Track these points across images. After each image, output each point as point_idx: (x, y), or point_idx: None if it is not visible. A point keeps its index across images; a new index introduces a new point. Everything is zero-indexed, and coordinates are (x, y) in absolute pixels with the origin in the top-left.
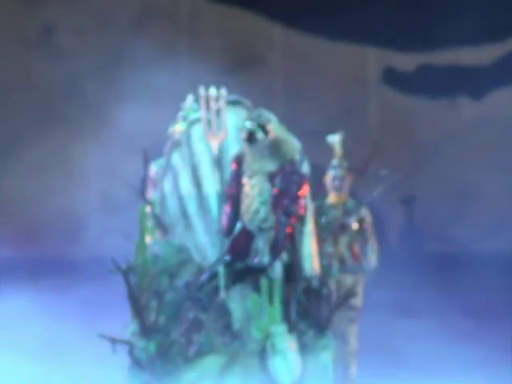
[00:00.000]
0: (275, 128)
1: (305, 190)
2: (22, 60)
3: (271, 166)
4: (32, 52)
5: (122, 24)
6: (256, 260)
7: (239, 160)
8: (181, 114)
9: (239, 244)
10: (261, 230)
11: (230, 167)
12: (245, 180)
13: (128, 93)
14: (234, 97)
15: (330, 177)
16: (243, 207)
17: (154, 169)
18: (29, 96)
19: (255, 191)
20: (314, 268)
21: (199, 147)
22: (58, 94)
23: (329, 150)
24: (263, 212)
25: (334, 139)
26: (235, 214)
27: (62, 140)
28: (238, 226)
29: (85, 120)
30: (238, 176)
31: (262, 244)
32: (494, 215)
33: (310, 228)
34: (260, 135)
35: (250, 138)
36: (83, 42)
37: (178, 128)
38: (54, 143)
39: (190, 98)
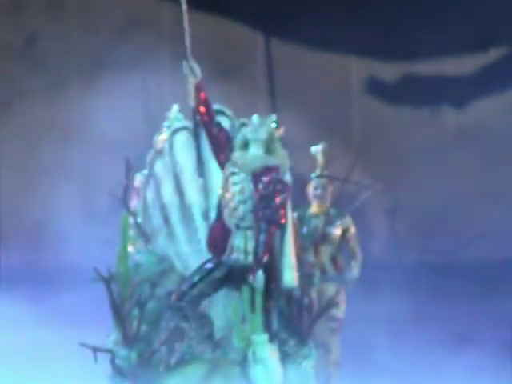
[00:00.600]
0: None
1: (287, 200)
2: (5, 69)
3: (258, 163)
4: (16, 60)
5: (106, 32)
6: (232, 257)
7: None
8: (165, 123)
9: (216, 237)
10: (238, 227)
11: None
12: (227, 175)
13: (111, 100)
14: (216, 106)
15: (312, 186)
16: (223, 202)
17: (138, 178)
18: (13, 104)
19: (237, 189)
20: (292, 278)
21: (182, 156)
22: (43, 102)
23: (311, 159)
24: (241, 210)
25: (317, 149)
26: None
27: (46, 147)
28: (215, 217)
29: (69, 127)
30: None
31: (237, 242)
32: (475, 226)
33: (289, 238)
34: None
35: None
36: (67, 50)
37: (162, 137)
38: (39, 150)
39: (174, 108)
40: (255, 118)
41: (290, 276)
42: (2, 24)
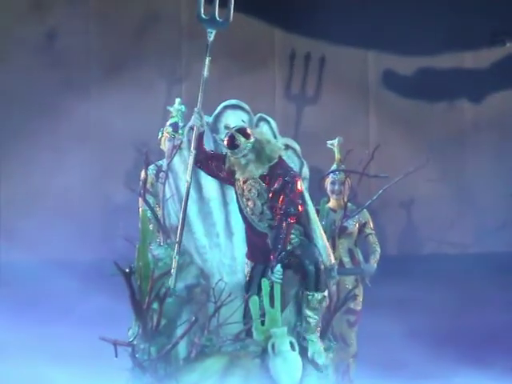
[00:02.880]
0: (254, 131)
1: (300, 187)
2: (25, 65)
3: (260, 170)
4: (36, 56)
5: (126, 28)
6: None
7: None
8: (170, 119)
9: (258, 247)
10: (271, 228)
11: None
12: (241, 184)
13: (130, 97)
14: (234, 101)
15: (329, 181)
16: (248, 210)
17: (152, 171)
18: (30, 101)
19: (254, 193)
20: (329, 259)
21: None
22: (62, 97)
23: (329, 152)
24: (268, 212)
25: (334, 143)
26: None
27: (64, 142)
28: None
29: (88, 124)
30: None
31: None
32: (491, 218)
33: (316, 221)
34: (241, 140)
35: (232, 143)
36: (87, 47)
37: (166, 134)
38: (57, 145)
39: (177, 101)
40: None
41: (325, 255)
42: (22, 20)
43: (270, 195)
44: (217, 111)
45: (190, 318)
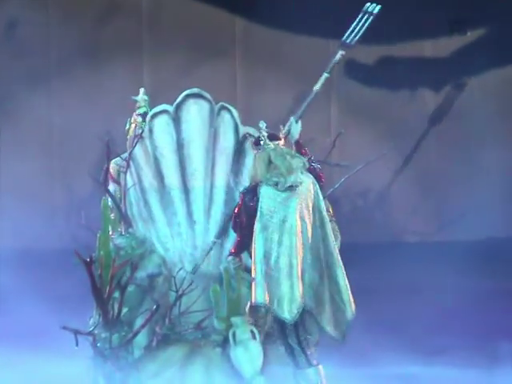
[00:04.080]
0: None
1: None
2: None
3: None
4: None
5: (87, 18)
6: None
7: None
8: (136, 109)
9: None
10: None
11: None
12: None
13: (90, 87)
14: (195, 90)
15: None
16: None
17: (112, 166)
18: None
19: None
20: None
21: (162, 140)
22: (22, 88)
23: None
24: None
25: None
26: None
27: (28, 132)
28: None
29: (50, 113)
30: None
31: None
32: (454, 207)
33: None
34: (266, 141)
35: (271, 136)
36: (47, 37)
37: (133, 122)
38: (21, 136)
39: (141, 91)
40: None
41: None
42: None
43: None
44: (178, 100)
45: (151, 307)
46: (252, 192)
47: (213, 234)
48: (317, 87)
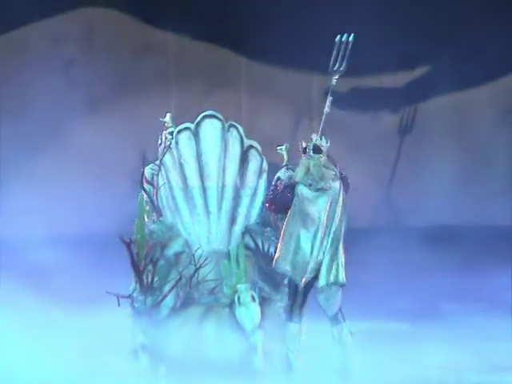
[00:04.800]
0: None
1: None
2: (49, 88)
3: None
4: (57, 80)
5: (126, 56)
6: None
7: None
8: (166, 128)
9: None
10: None
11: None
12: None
13: (129, 110)
14: (210, 111)
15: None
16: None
17: (147, 170)
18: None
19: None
20: None
21: (185, 151)
22: (76, 113)
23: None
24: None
25: (282, 148)
26: None
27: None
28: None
29: (100, 129)
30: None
31: None
32: (407, 200)
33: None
34: (311, 153)
35: (315, 149)
36: (94, 72)
37: (165, 137)
38: (83, 151)
39: (168, 115)
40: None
41: None
42: (43, 51)
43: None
44: (197, 119)
45: (176, 277)
46: (290, 187)
47: (224, 221)
48: (327, 109)
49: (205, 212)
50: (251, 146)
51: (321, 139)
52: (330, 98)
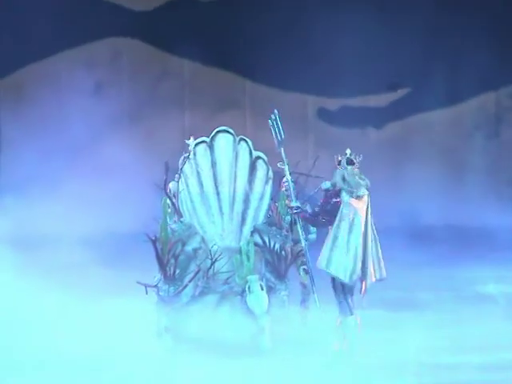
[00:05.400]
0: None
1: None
2: (79, 106)
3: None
4: (87, 100)
5: (147, 80)
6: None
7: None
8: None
9: None
10: None
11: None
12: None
13: (149, 128)
14: (223, 127)
15: (284, 185)
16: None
17: (170, 184)
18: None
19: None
20: None
21: (201, 161)
22: (104, 129)
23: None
24: None
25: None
26: None
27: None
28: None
29: (125, 145)
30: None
31: None
32: (392, 204)
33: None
34: (344, 164)
35: (348, 161)
36: (121, 93)
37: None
38: (112, 167)
39: (191, 138)
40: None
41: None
42: (75, 75)
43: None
44: (212, 134)
45: (195, 269)
46: (336, 194)
47: (235, 221)
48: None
49: (219, 213)
50: (259, 157)
51: (351, 155)
52: (285, 166)
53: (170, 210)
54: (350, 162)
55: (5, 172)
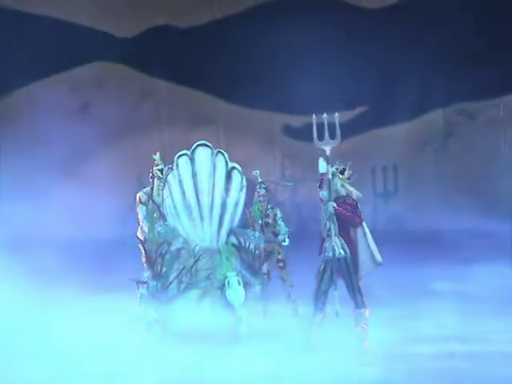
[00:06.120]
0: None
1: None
2: (66, 125)
3: (330, 196)
4: (74, 120)
5: (129, 99)
6: (329, 256)
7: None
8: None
9: (321, 243)
10: (328, 235)
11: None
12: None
13: (134, 143)
14: (202, 141)
15: (256, 191)
16: (321, 220)
17: (140, 194)
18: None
19: (325, 213)
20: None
21: (183, 171)
22: (90, 145)
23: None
24: (329, 225)
25: (257, 172)
26: None
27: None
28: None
29: (116, 154)
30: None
31: (329, 243)
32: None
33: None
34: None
35: (341, 172)
36: (105, 113)
37: (156, 173)
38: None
39: (158, 154)
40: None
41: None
42: (62, 97)
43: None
44: (192, 147)
45: (179, 267)
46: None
47: (214, 225)
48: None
49: (199, 218)
50: (234, 167)
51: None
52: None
53: (155, 215)
54: (342, 171)
55: (2, 183)
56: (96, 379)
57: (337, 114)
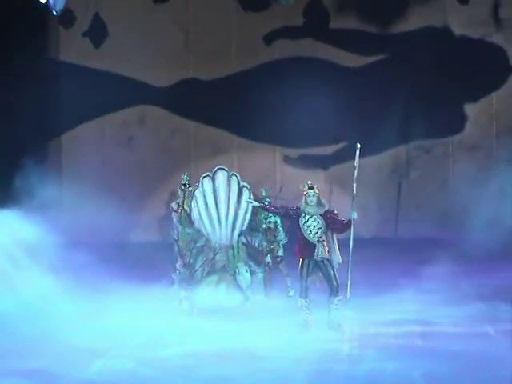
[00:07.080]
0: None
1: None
2: (117, 154)
3: (319, 211)
4: (121, 150)
5: (163, 134)
6: (319, 257)
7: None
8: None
9: (305, 247)
10: (319, 241)
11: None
12: (307, 218)
13: (168, 169)
14: (221, 166)
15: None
16: (309, 232)
17: (172, 204)
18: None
19: (315, 224)
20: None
21: (206, 188)
22: (132, 172)
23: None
24: (320, 233)
25: (265, 189)
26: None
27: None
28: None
29: (154, 178)
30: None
31: (320, 248)
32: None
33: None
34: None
35: (312, 189)
36: (147, 145)
37: (181, 189)
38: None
39: (185, 175)
40: (311, 193)
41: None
42: (115, 130)
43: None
44: (213, 170)
45: (203, 259)
46: (298, 210)
47: (229, 228)
48: (356, 163)
49: (218, 222)
50: (244, 186)
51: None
52: (358, 147)
53: (186, 220)
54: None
55: (66, 196)
56: (134, 347)
57: (359, 144)
